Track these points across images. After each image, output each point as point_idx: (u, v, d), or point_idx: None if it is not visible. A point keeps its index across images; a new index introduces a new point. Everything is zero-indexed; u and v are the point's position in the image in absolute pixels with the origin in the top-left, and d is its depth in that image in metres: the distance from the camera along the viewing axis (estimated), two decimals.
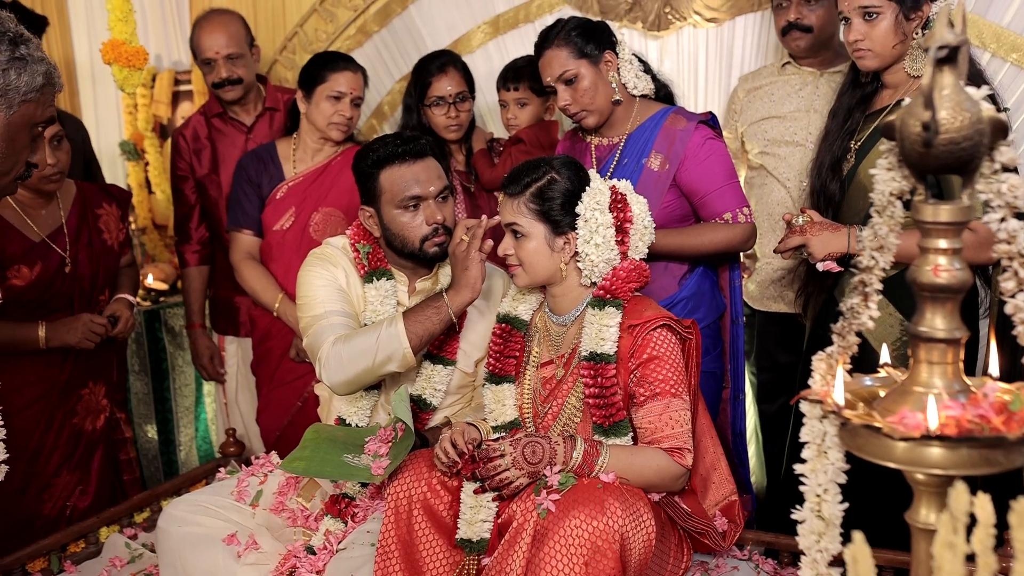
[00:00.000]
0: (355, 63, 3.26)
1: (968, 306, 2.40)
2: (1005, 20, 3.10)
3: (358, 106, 3.22)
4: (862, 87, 2.64)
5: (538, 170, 2.29)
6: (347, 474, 2.31)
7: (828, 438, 1.31)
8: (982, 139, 1.13)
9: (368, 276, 2.54)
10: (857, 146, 2.60)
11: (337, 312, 2.48)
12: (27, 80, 1.76)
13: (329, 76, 3.16)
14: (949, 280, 1.17)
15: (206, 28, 3.44)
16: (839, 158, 2.63)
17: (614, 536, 1.96)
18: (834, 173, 2.63)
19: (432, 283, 2.60)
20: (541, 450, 2.12)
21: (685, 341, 2.27)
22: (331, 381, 2.42)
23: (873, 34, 2.48)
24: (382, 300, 2.51)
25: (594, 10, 3.63)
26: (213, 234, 3.60)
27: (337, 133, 3.20)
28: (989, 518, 1.00)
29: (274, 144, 3.33)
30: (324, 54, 3.35)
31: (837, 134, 2.65)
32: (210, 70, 3.45)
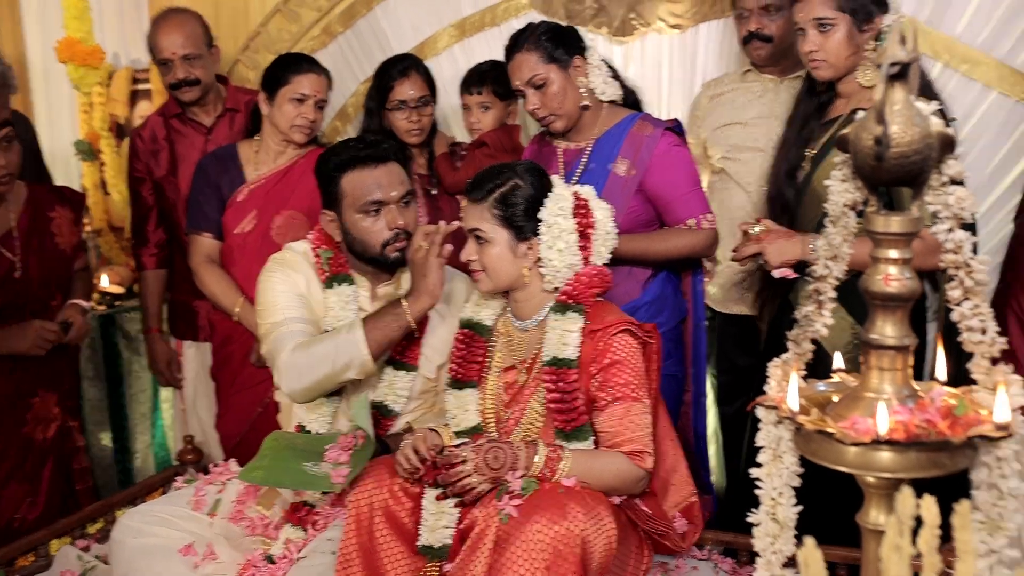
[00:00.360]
0: (319, 65, 3.23)
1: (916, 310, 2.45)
2: (957, 31, 3.17)
3: (322, 109, 3.19)
4: (817, 96, 2.70)
5: (501, 176, 2.30)
6: (307, 483, 2.31)
7: (783, 443, 1.35)
8: (931, 153, 1.18)
9: (329, 281, 2.53)
10: (812, 154, 2.65)
11: (296, 319, 2.46)
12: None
13: (292, 78, 3.13)
14: (899, 289, 1.21)
15: (163, 28, 3.39)
16: (795, 166, 2.68)
17: (575, 540, 1.97)
18: (790, 180, 2.68)
19: (395, 288, 2.59)
20: (503, 455, 2.13)
21: (646, 345, 2.29)
22: (289, 389, 2.41)
23: (827, 45, 2.53)
24: (343, 306, 2.50)
25: (559, 15, 3.64)
26: (171, 237, 3.55)
27: (300, 136, 3.18)
28: (934, 520, 1.04)
29: (235, 146, 3.29)
30: (287, 56, 3.32)
31: (793, 142, 2.71)
32: (167, 70, 3.40)
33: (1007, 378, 1.23)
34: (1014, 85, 3.13)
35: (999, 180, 3.20)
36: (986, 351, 1.25)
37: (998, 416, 1.17)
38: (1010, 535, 1.24)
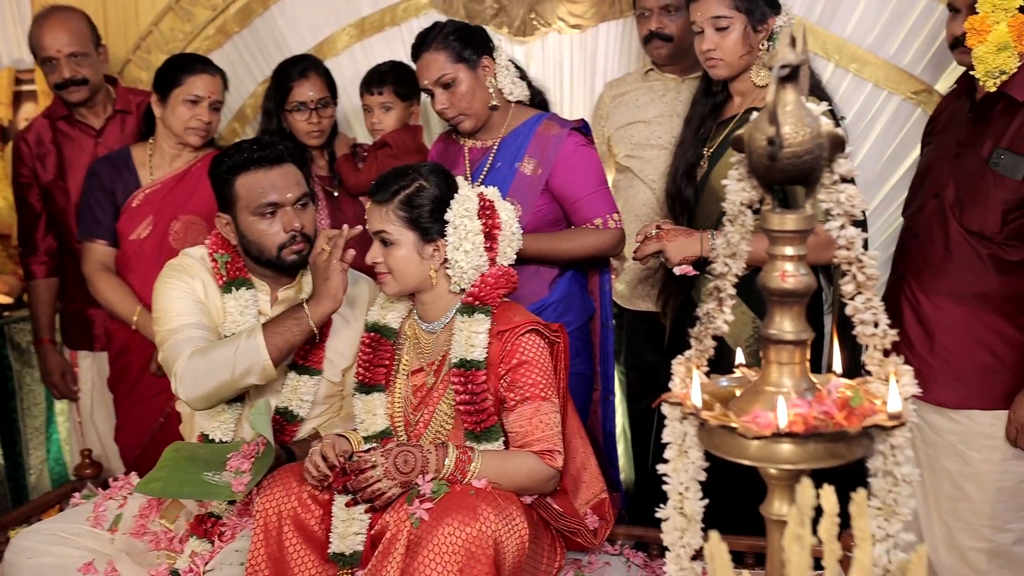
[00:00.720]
0: (213, 65, 3.17)
1: (813, 303, 2.53)
2: (846, 32, 3.28)
3: (217, 110, 3.13)
4: (713, 96, 2.76)
5: (406, 177, 2.29)
6: (207, 493, 2.27)
7: (688, 438, 1.38)
8: (822, 152, 1.21)
9: (227, 286, 2.48)
10: (710, 152, 2.71)
11: (193, 325, 2.41)
12: None
13: (185, 79, 3.06)
14: (795, 285, 1.24)
15: (46, 25, 3.27)
16: (693, 164, 2.74)
17: (488, 541, 1.98)
18: (688, 179, 2.73)
19: (295, 292, 2.55)
20: (413, 459, 2.12)
21: (553, 345, 2.31)
22: (187, 396, 2.35)
23: (724, 44, 2.59)
24: (241, 311, 2.46)
25: (460, 14, 3.64)
26: (62, 244, 3.44)
27: (195, 138, 3.11)
28: (833, 509, 1.07)
29: (128, 149, 3.21)
30: (180, 56, 3.25)
31: (691, 141, 2.76)
32: (51, 70, 3.28)
33: (898, 369, 1.27)
34: (900, 84, 3.25)
35: (889, 175, 3.33)
36: (879, 343, 1.29)
37: (891, 406, 1.21)
38: (905, 519, 1.28)
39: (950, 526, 2.55)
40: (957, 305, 2.52)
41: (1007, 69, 2.36)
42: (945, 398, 2.53)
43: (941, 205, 2.55)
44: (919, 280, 2.59)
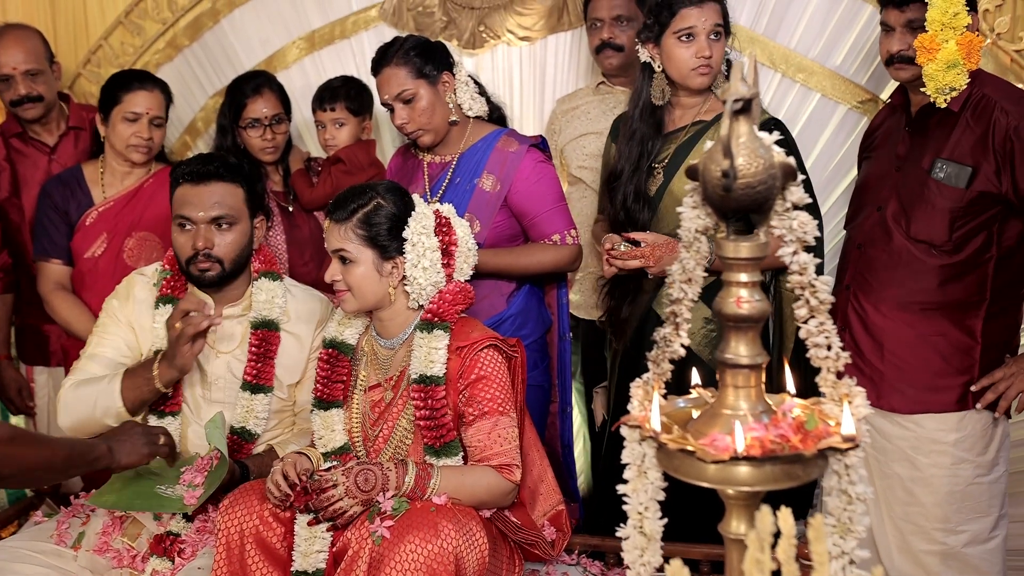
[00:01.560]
0: (153, 81, 3.16)
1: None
2: (792, 43, 3.35)
3: (159, 126, 3.13)
4: (654, 112, 2.75)
5: (364, 196, 2.30)
6: (159, 505, 2.30)
7: (647, 459, 1.40)
8: (775, 182, 1.24)
9: (157, 302, 2.56)
10: (663, 165, 2.73)
11: (98, 356, 2.53)
12: None
13: (123, 97, 3.05)
14: (750, 311, 1.27)
15: (2, 43, 3.27)
16: (641, 187, 2.73)
17: (449, 557, 2.01)
18: (641, 201, 2.74)
19: (243, 309, 2.58)
20: (373, 477, 2.14)
21: (511, 359, 2.34)
22: (61, 422, 2.47)
23: (717, 53, 2.64)
24: (162, 324, 2.50)
25: (409, 27, 3.65)
26: (17, 260, 3.41)
27: (138, 155, 3.10)
28: (791, 530, 1.10)
29: (80, 167, 3.20)
30: (119, 74, 3.22)
31: (636, 165, 2.74)
32: (7, 87, 3.27)
33: (851, 391, 1.30)
34: (846, 93, 3.33)
35: (837, 184, 3.40)
36: (832, 365, 1.32)
37: (845, 429, 1.25)
38: (859, 537, 1.32)
39: (902, 530, 2.61)
40: (904, 313, 2.57)
41: (957, 86, 2.41)
42: (897, 404, 2.59)
43: (883, 217, 2.62)
44: (865, 291, 2.64)
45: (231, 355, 2.56)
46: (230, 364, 2.55)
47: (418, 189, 2.79)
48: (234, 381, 2.54)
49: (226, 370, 2.55)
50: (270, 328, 2.54)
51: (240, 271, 2.55)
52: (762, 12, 3.35)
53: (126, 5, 3.97)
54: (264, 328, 2.54)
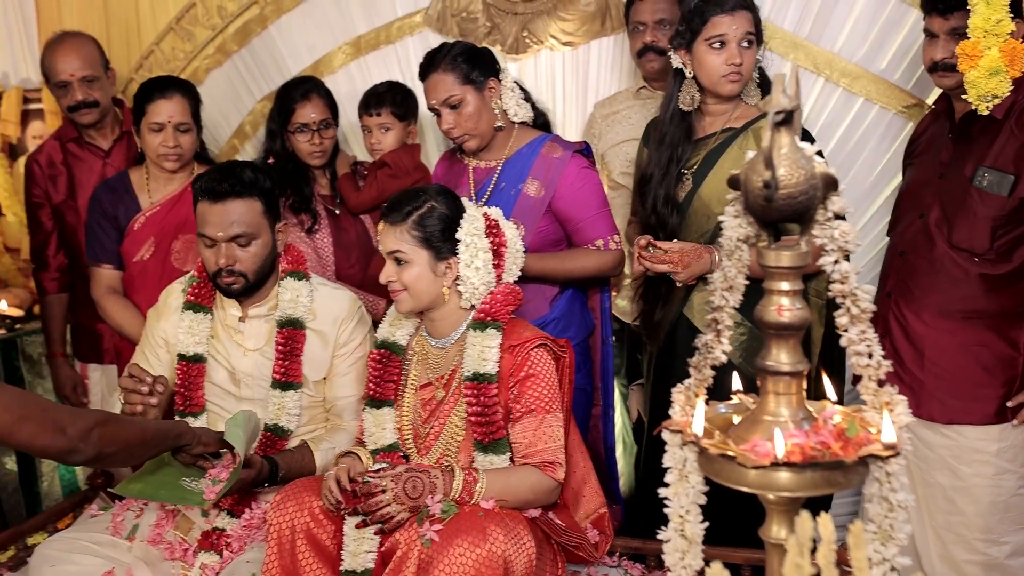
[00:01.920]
0: (175, 87, 3.15)
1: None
2: (836, 47, 3.33)
3: (186, 131, 3.13)
4: (684, 118, 2.76)
5: (418, 199, 2.35)
6: (180, 498, 2.37)
7: (688, 464, 1.42)
8: (816, 192, 1.26)
9: (184, 306, 2.65)
10: (693, 171, 2.74)
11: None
12: None
13: (147, 108, 3.10)
14: (791, 319, 1.29)
15: (59, 50, 3.35)
16: (671, 191, 2.75)
17: (497, 561, 2.04)
18: (671, 206, 2.75)
19: (269, 309, 2.64)
20: (421, 484, 2.19)
21: (559, 359, 2.38)
22: None
23: (748, 60, 2.63)
24: (188, 331, 2.62)
25: (454, 32, 3.69)
26: (72, 261, 3.50)
27: (169, 163, 3.15)
28: (831, 536, 1.12)
29: (127, 173, 3.26)
30: (143, 84, 3.24)
31: (665, 169, 2.76)
32: (64, 93, 3.36)
33: (892, 399, 1.32)
34: (891, 98, 3.30)
35: (882, 188, 3.37)
36: (873, 374, 1.33)
37: (886, 436, 1.26)
38: (901, 544, 1.33)
39: (944, 539, 2.60)
40: (946, 321, 2.56)
41: (999, 93, 2.40)
42: (937, 414, 2.58)
43: (926, 225, 2.61)
44: (907, 298, 2.63)
45: (258, 353, 2.62)
46: (257, 362, 2.62)
47: (463, 194, 2.81)
48: (263, 379, 2.61)
49: (254, 368, 2.62)
50: (295, 327, 2.60)
51: (265, 279, 2.62)
52: (806, 16, 3.34)
53: (177, 11, 4.06)
54: (290, 327, 2.59)
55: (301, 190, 3.18)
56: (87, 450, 1.95)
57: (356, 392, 2.63)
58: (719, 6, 2.62)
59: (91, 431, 1.95)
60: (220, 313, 2.67)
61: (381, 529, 2.20)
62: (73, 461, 2.02)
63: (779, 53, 3.34)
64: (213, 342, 2.64)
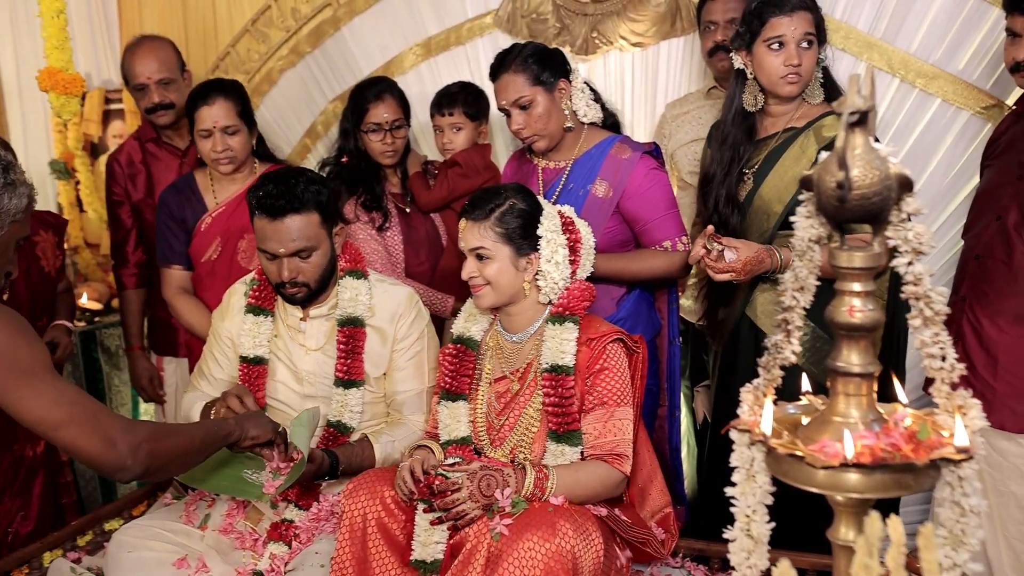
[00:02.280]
0: (216, 92, 3.17)
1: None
2: (913, 47, 3.28)
3: (234, 133, 3.17)
4: (747, 120, 2.75)
5: (499, 196, 2.40)
6: (241, 491, 2.43)
7: (756, 463, 1.42)
8: (890, 194, 1.25)
9: (246, 309, 2.72)
10: (753, 171, 2.73)
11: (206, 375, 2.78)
12: (16, 203, 1.90)
13: (195, 115, 3.15)
14: (863, 320, 1.28)
15: (137, 54, 3.44)
16: (733, 191, 2.75)
17: (567, 557, 2.06)
18: (732, 205, 2.75)
19: (329, 308, 2.69)
20: (495, 483, 2.22)
21: (633, 355, 2.41)
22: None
23: (807, 61, 2.62)
24: (249, 334, 2.70)
25: (523, 33, 3.71)
26: (150, 257, 3.59)
27: (223, 167, 3.20)
28: (900, 539, 1.11)
29: (192, 175, 3.33)
30: (189, 94, 3.28)
31: (727, 169, 2.76)
32: (142, 96, 3.45)
33: (966, 403, 1.30)
34: (969, 99, 3.24)
35: (958, 190, 3.31)
36: (946, 376, 1.32)
37: (958, 440, 1.25)
38: (972, 550, 1.31)
39: (1016, 550, 2.54)
40: (1022, 327, 2.51)
41: None
42: (1009, 422, 2.52)
43: (1004, 227, 2.55)
44: (982, 303, 2.58)
45: (320, 352, 2.68)
46: (319, 361, 2.67)
47: None
48: (325, 377, 2.66)
49: (316, 366, 2.67)
50: (355, 325, 2.64)
51: (327, 283, 2.66)
52: (881, 16, 3.30)
53: (253, 13, 4.15)
54: (350, 325, 2.64)
55: (373, 188, 3.22)
56: (135, 468, 1.93)
57: (415, 386, 2.68)
58: (778, 7, 2.61)
59: (140, 445, 1.93)
60: (282, 313, 2.72)
61: (455, 525, 2.24)
62: (119, 478, 1.99)
63: (853, 53, 3.30)
64: (276, 341, 2.70)
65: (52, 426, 1.88)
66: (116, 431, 1.90)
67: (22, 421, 1.88)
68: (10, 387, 1.85)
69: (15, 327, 1.86)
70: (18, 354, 1.84)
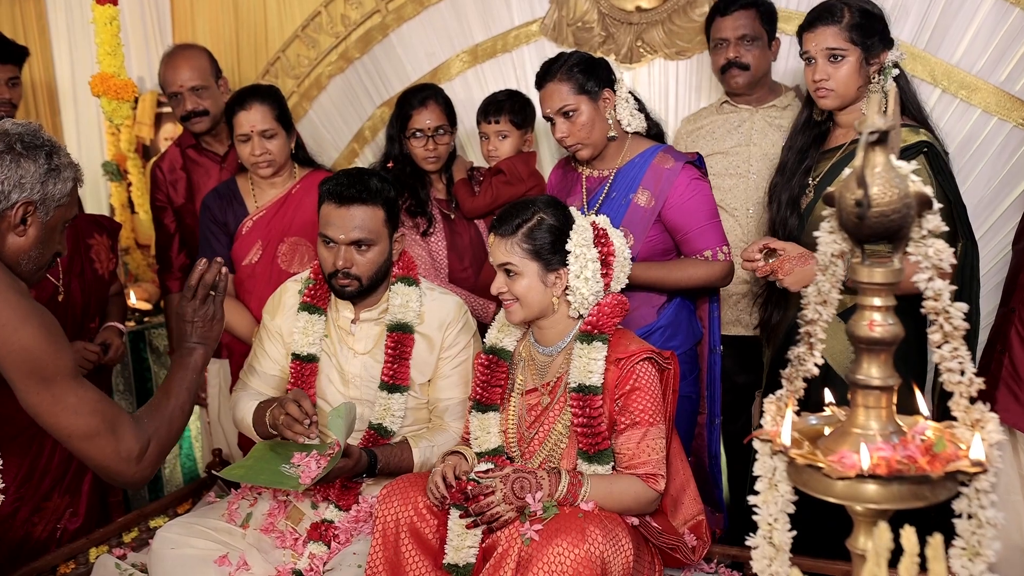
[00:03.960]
0: (252, 97, 3.23)
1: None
2: (955, 58, 3.27)
3: (271, 137, 3.22)
4: (816, 126, 2.79)
5: (527, 211, 2.40)
6: (278, 482, 2.48)
7: (778, 472, 1.45)
8: (909, 211, 1.28)
9: (300, 307, 2.77)
10: (815, 182, 2.75)
11: (256, 371, 2.84)
12: (60, 188, 1.95)
13: (233, 121, 3.22)
14: (883, 334, 1.31)
15: (170, 63, 3.51)
16: (797, 195, 2.78)
17: (596, 562, 2.08)
18: (793, 208, 2.77)
19: (380, 313, 2.74)
20: (529, 486, 2.25)
21: (664, 372, 2.40)
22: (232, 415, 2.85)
23: (837, 75, 2.62)
24: (302, 332, 2.74)
25: (569, 42, 3.75)
26: (193, 261, 3.64)
27: (262, 170, 3.25)
28: (913, 549, 1.14)
29: (235, 180, 3.39)
30: (230, 98, 3.33)
31: (795, 171, 2.80)
32: (177, 103, 3.52)
33: (983, 416, 1.33)
34: (1011, 111, 3.23)
35: (1000, 202, 3.30)
36: (964, 391, 1.35)
37: (974, 454, 1.27)
38: (988, 561, 1.34)
39: None
40: None
41: None
42: None
43: None
44: None
45: (368, 356, 2.72)
46: (367, 364, 2.72)
47: (576, 202, 2.87)
48: (370, 380, 2.70)
49: (362, 370, 2.72)
50: (405, 331, 2.69)
51: (378, 284, 2.70)
52: (924, 27, 3.30)
53: (303, 19, 4.23)
54: (399, 331, 2.68)
55: (417, 194, 3.25)
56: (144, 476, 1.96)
57: (458, 395, 2.71)
58: (805, 25, 2.67)
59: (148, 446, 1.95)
60: (333, 314, 2.77)
61: (489, 528, 2.27)
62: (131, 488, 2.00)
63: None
64: (326, 341, 2.75)
65: (68, 435, 1.88)
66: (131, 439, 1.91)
67: (43, 425, 1.88)
68: (31, 390, 1.84)
69: (45, 330, 1.86)
70: (44, 359, 1.84)
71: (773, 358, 2.93)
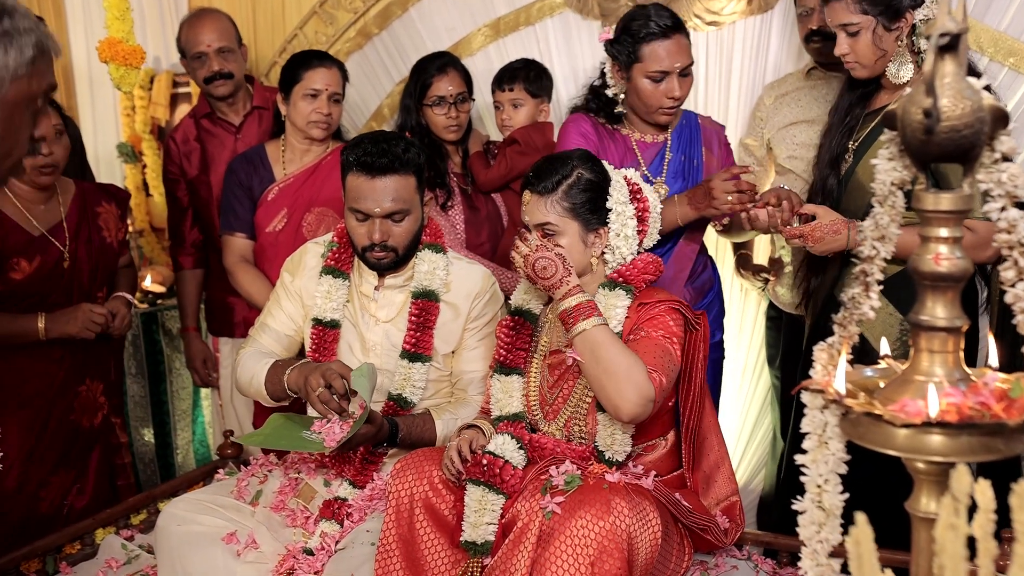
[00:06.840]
0: (331, 59, 3.25)
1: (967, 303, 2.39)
2: (1003, 24, 3.12)
3: (338, 102, 3.21)
4: (862, 85, 2.67)
5: (565, 166, 2.28)
6: (300, 446, 2.40)
7: (829, 428, 1.31)
8: (983, 127, 1.14)
9: (323, 271, 2.65)
10: (855, 146, 2.63)
11: (268, 328, 2.72)
12: (14, 56, 1.59)
13: (304, 75, 3.15)
14: (950, 268, 1.17)
15: (196, 24, 3.45)
16: (838, 155, 2.67)
17: (621, 536, 1.96)
18: (833, 169, 2.67)
19: (405, 280, 2.63)
20: (553, 268, 2.17)
21: (693, 331, 2.27)
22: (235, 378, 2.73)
23: (857, 48, 2.53)
24: (325, 296, 2.62)
25: (594, 13, 3.64)
26: (206, 236, 3.59)
27: (318, 131, 3.20)
28: (989, 503, 1.00)
29: (263, 146, 3.33)
30: (299, 54, 3.32)
31: (837, 130, 2.70)
32: (201, 64, 3.43)
33: None
34: None
35: None
36: None
37: None
38: None
39: None
40: None
41: None
42: None
43: None
44: None
45: (391, 324, 2.62)
46: (388, 332, 2.61)
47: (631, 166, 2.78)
48: (392, 349, 2.60)
49: (384, 338, 2.61)
50: (430, 298, 2.58)
51: (412, 252, 2.60)
52: None
53: None
54: (424, 298, 2.58)
55: (436, 165, 3.17)
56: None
57: (483, 368, 2.60)
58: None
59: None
60: (356, 280, 2.67)
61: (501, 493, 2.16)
62: None
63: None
64: (347, 308, 2.65)
65: None
66: None
67: None
68: None
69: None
70: None
71: (812, 325, 2.80)
